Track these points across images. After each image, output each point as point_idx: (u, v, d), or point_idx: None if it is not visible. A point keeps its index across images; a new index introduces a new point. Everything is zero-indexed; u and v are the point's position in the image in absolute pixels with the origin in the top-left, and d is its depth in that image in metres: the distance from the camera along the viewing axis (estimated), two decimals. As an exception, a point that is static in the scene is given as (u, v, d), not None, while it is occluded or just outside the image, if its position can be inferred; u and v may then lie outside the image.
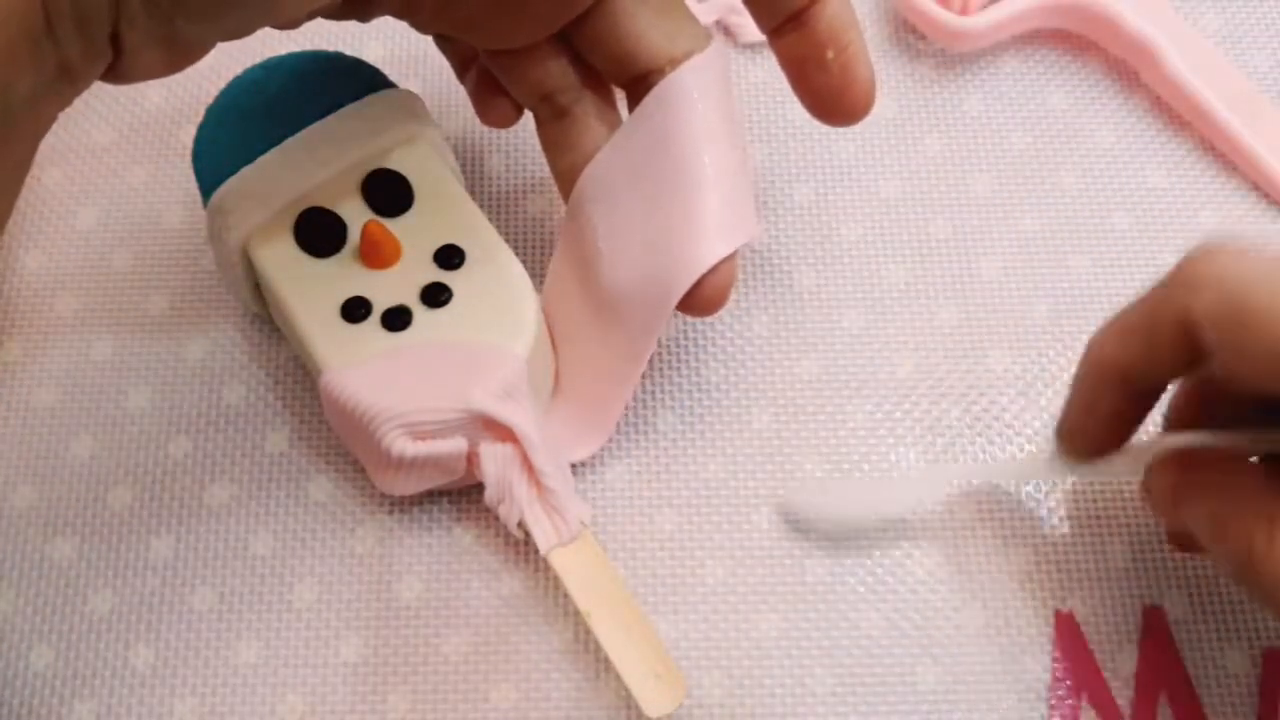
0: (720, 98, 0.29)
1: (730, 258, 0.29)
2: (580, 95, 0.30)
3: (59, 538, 0.31)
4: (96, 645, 0.30)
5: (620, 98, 0.30)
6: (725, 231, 0.28)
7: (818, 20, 0.28)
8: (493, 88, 0.31)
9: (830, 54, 0.28)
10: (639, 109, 0.29)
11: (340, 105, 0.31)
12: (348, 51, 0.33)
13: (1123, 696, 0.29)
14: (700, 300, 0.29)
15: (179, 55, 0.24)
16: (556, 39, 0.29)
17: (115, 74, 0.24)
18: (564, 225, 0.31)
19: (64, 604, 0.30)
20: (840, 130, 0.37)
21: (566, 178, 0.30)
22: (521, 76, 0.29)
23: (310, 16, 0.26)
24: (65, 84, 0.23)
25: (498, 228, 0.31)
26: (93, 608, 0.30)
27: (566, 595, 0.29)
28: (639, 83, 0.29)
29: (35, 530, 0.31)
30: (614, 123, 0.30)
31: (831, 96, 0.29)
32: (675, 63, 0.28)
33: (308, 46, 0.35)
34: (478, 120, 0.32)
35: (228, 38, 0.24)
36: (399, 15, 0.28)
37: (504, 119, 0.31)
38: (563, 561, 0.29)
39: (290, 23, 0.26)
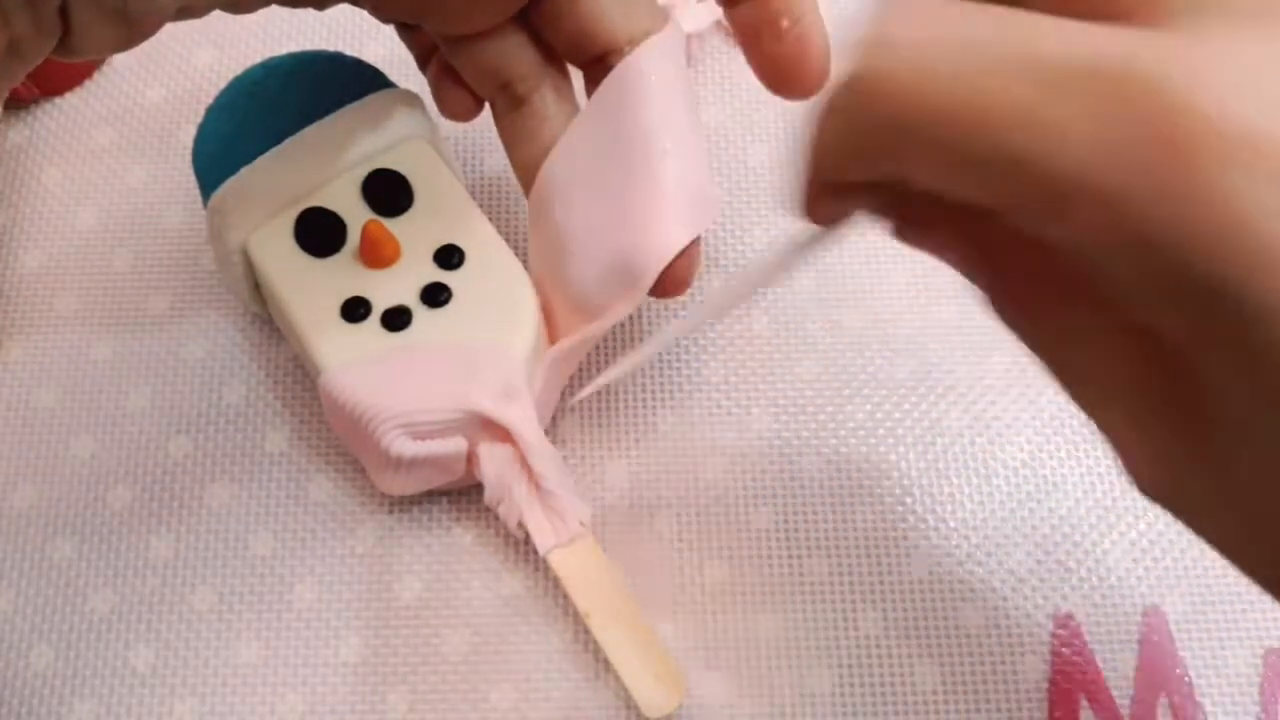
0: (677, 78, 0.29)
1: (695, 240, 0.28)
2: (539, 83, 0.29)
3: (59, 538, 0.31)
4: (96, 645, 0.30)
5: (580, 83, 0.30)
6: (689, 217, 0.28)
7: None
8: (452, 78, 0.30)
9: (785, 23, 0.27)
10: (596, 95, 0.28)
11: (340, 105, 0.31)
12: (348, 51, 0.33)
13: (1123, 696, 0.29)
14: (667, 285, 0.28)
15: (129, 31, 0.24)
16: (515, 23, 0.28)
17: (65, 49, 0.24)
18: (530, 220, 0.30)
19: (64, 604, 0.30)
20: (840, 130, 0.37)
21: (526, 170, 0.30)
22: (479, 64, 0.29)
23: (265, 3, 0.26)
24: (15, 60, 0.23)
25: (498, 228, 0.31)
26: (93, 607, 0.30)
27: (566, 595, 0.29)
28: (598, 64, 0.28)
29: (35, 530, 0.31)
30: (572, 112, 0.30)
31: (786, 67, 0.28)
32: (634, 42, 0.28)
33: (308, 46, 0.36)
34: (478, 120, 0.32)
35: (180, 17, 0.24)
36: (355, 2, 0.28)
37: (464, 111, 0.31)
38: (562, 562, 0.29)
39: (245, 6, 0.26)
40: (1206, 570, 0.31)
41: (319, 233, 0.30)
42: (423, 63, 0.31)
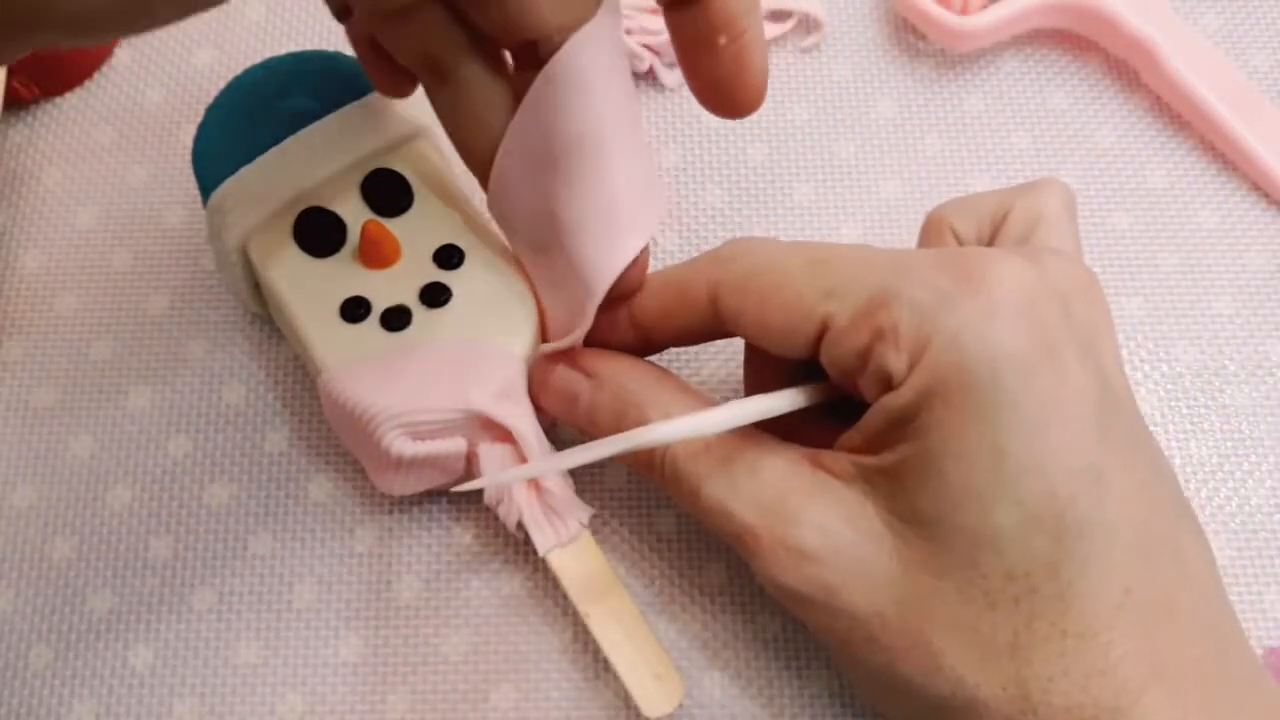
0: (614, 71, 0.26)
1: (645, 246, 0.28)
2: (466, 58, 0.27)
3: (59, 537, 0.31)
4: (96, 645, 0.30)
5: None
6: (636, 224, 0.28)
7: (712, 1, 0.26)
8: (381, 53, 0.28)
9: (723, 39, 0.26)
10: (530, 96, 0.26)
11: (340, 105, 0.31)
12: (348, 52, 0.33)
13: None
14: (619, 291, 0.28)
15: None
16: (438, 2, 0.26)
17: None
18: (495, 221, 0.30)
19: (63, 604, 0.30)
20: (840, 130, 0.37)
21: (466, 154, 0.28)
22: (402, 40, 0.27)
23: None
24: None
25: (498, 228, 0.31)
26: (92, 607, 0.30)
27: (566, 596, 0.29)
28: (527, 49, 0.26)
29: (35, 530, 0.31)
30: (505, 88, 0.27)
31: (721, 85, 0.27)
32: (564, 30, 0.25)
33: (308, 46, 0.36)
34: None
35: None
36: None
37: (397, 88, 0.29)
38: (562, 562, 0.29)
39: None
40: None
41: (319, 233, 0.30)
42: (355, 41, 0.30)
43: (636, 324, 0.29)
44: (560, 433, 0.32)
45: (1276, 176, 0.36)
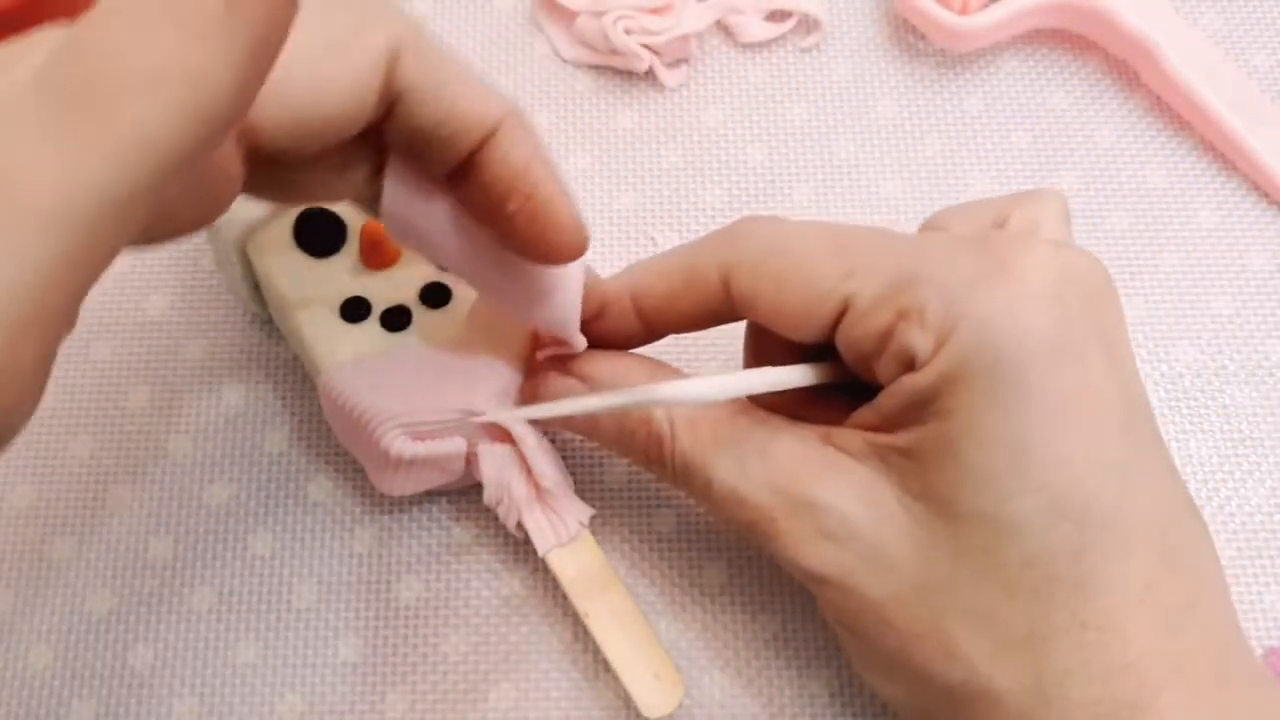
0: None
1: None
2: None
3: (58, 537, 0.31)
4: (96, 645, 0.30)
5: None
6: (573, 302, 0.27)
7: (486, 169, 0.23)
8: None
9: (511, 206, 0.23)
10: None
11: (340, 105, 0.31)
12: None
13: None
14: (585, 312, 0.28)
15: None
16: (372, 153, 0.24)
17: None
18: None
19: (63, 604, 0.30)
20: (840, 130, 0.37)
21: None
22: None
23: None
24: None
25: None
26: (92, 607, 0.30)
27: (566, 596, 0.29)
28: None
29: (34, 530, 0.31)
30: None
31: (530, 246, 0.24)
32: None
33: (307, 46, 0.35)
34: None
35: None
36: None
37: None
38: (561, 563, 0.29)
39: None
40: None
41: (319, 233, 0.30)
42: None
43: (640, 310, 0.28)
44: (560, 432, 0.32)
45: (1276, 176, 0.36)
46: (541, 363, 0.29)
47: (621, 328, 0.28)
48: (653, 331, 0.28)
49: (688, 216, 0.36)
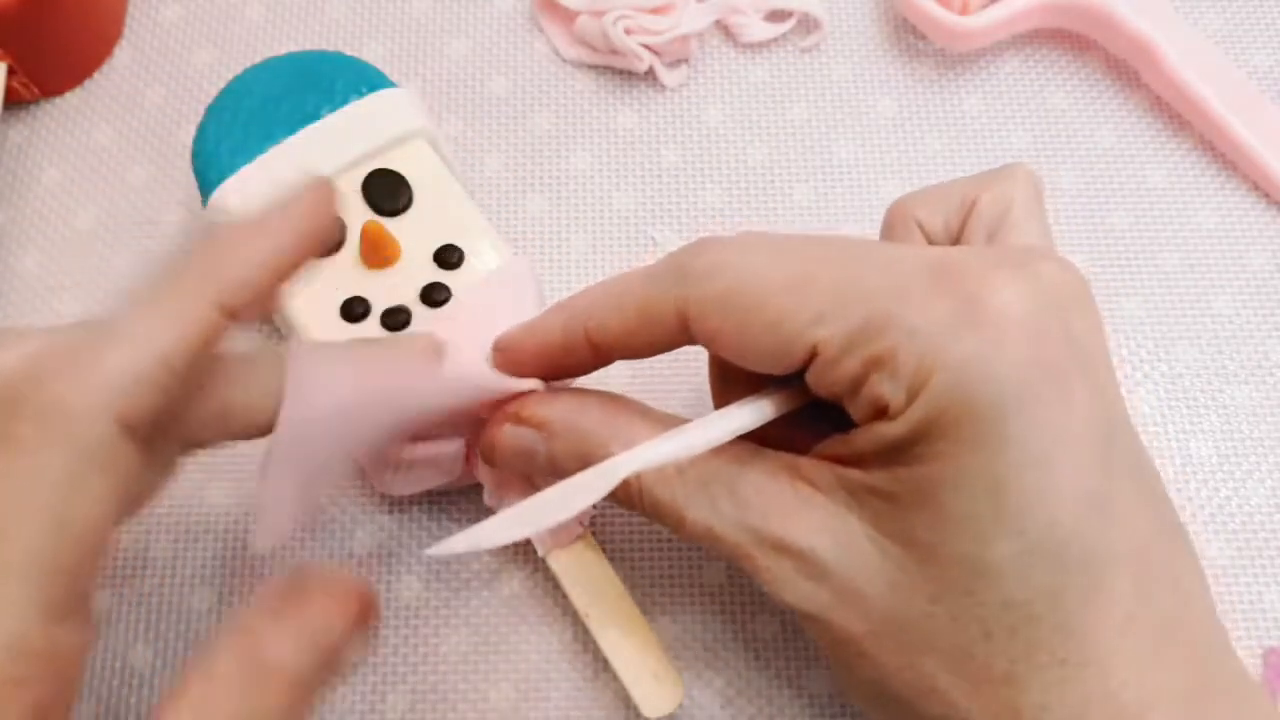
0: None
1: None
2: None
3: (59, 537, 0.31)
4: (96, 645, 0.30)
5: None
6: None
7: None
8: None
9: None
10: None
11: (340, 105, 0.31)
12: (348, 51, 0.33)
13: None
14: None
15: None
16: None
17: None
18: None
19: (64, 604, 0.30)
20: (840, 130, 0.37)
21: None
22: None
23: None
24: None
25: (498, 228, 0.31)
26: (91, 608, 0.30)
27: (565, 596, 0.29)
28: None
29: (35, 530, 0.31)
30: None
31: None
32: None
33: (308, 47, 0.36)
34: (478, 120, 0.32)
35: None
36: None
37: None
38: (561, 563, 0.29)
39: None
40: (1205, 571, 0.31)
41: (319, 233, 0.30)
42: None
43: (594, 344, 0.27)
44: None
45: (1276, 176, 0.36)
46: (496, 412, 0.28)
47: (576, 361, 0.27)
48: (609, 360, 0.28)
49: (687, 216, 0.36)
